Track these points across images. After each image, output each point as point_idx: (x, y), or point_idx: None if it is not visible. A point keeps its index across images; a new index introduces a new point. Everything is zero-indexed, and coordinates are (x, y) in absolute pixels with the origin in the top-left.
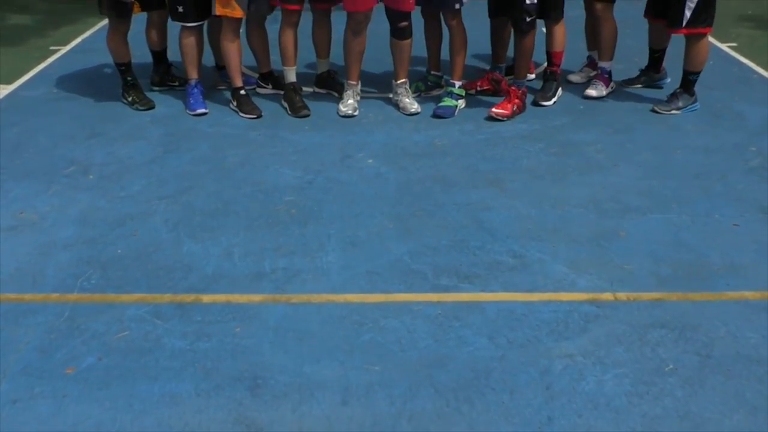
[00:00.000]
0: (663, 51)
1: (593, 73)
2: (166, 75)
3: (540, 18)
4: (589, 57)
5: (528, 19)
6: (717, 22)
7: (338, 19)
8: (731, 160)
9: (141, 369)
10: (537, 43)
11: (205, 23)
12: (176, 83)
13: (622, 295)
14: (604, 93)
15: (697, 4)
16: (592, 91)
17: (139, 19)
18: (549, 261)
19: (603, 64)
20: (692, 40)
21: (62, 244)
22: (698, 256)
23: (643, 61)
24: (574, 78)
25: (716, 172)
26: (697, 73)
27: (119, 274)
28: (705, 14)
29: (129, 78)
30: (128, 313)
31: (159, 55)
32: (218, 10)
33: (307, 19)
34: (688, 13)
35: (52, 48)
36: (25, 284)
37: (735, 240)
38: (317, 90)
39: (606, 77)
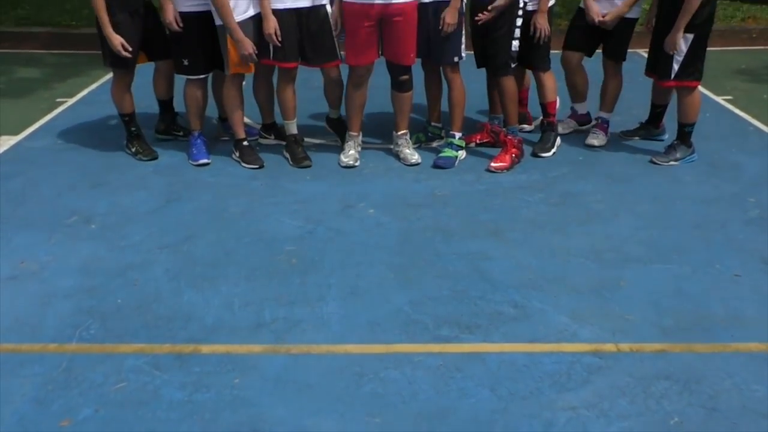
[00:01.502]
0: (664, 107)
1: (581, 126)
2: (171, 124)
3: (528, 69)
4: (571, 108)
5: (512, 65)
6: (712, 76)
7: (343, 73)
8: (730, 210)
9: (138, 421)
10: (531, 97)
11: (210, 75)
12: (180, 133)
13: (625, 346)
14: (604, 142)
15: (685, 57)
16: (593, 141)
17: (146, 71)
18: (550, 311)
19: (603, 114)
20: (682, 92)
21: (62, 294)
22: (700, 307)
23: (640, 113)
24: (559, 128)
25: (716, 223)
26: (691, 125)
27: (118, 324)
28: (692, 68)
29: (133, 128)
30: (127, 363)
31: (166, 104)
32: (232, 69)
33: (309, 72)
34: (675, 66)
35: (58, 100)
36: (23, 334)
37: (737, 291)
38: (327, 129)
39: (605, 126)
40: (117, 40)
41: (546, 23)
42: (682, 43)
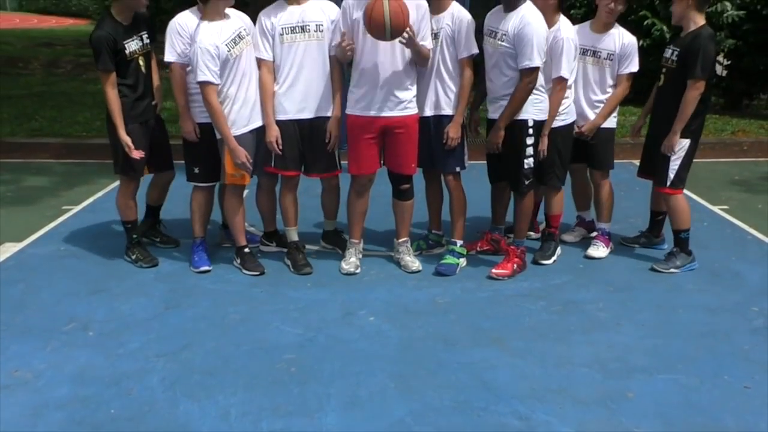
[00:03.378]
0: (664, 215)
1: (590, 233)
2: (151, 228)
3: (540, 183)
4: (578, 217)
5: (526, 182)
6: (707, 186)
7: (343, 180)
8: (734, 319)
9: None
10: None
11: (217, 184)
12: (157, 239)
13: None
14: (606, 253)
15: (680, 164)
16: (593, 252)
17: (147, 180)
18: (556, 423)
19: (602, 225)
20: (671, 200)
21: (54, 404)
22: (711, 420)
23: (639, 222)
24: (568, 237)
25: (721, 332)
26: (686, 231)
27: None
28: (683, 175)
29: (135, 236)
30: None
31: (153, 210)
32: (227, 179)
33: (310, 180)
34: (671, 174)
35: (64, 207)
36: None
37: (748, 403)
38: (324, 245)
39: (606, 237)
40: (126, 140)
41: (544, 143)
42: (678, 148)
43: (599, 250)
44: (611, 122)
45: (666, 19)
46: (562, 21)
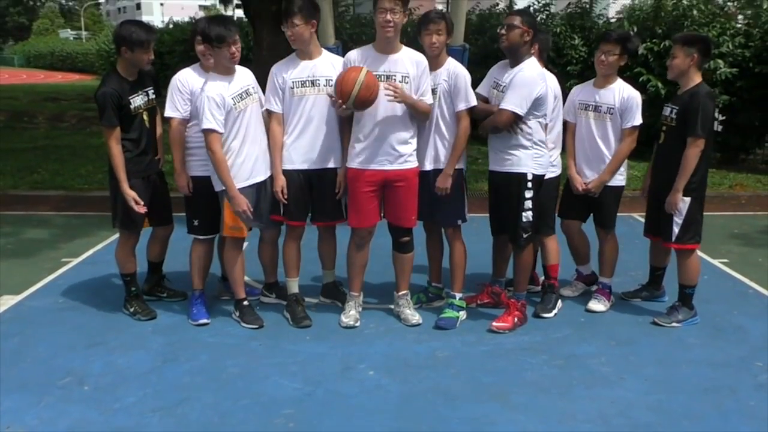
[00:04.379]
0: (663, 270)
1: (590, 286)
2: (156, 285)
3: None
4: (576, 270)
5: (525, 236)
6: (707, 239)
7: (343, 232)
8: (739, 374)
9: None
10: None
11: (217, 236)
12: (164, 294)
13: None
14: (607, 307)
15: (684, 219)
16: (595, 306)
17: (146, 233)
18: None
19: (604, 279)
20: (682, 255)
21: None
22: None
23: (639, 275)
24: (567, 292)
25: (725, 388)
26: (692, 287)
27: None
28: (692, 231)
29: (133, 288)
30: None
31: (155, 266)
32: (226, 231)
33: (313, 232)
34: (676, 229)
35: (63, 260)
36: None
37: None
38: (322, 300)
39: (607, 291)
40: (131, 195)
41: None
42: (681, 205)
43: (600, 304)
44: (619, 180)
45: (661, 76)
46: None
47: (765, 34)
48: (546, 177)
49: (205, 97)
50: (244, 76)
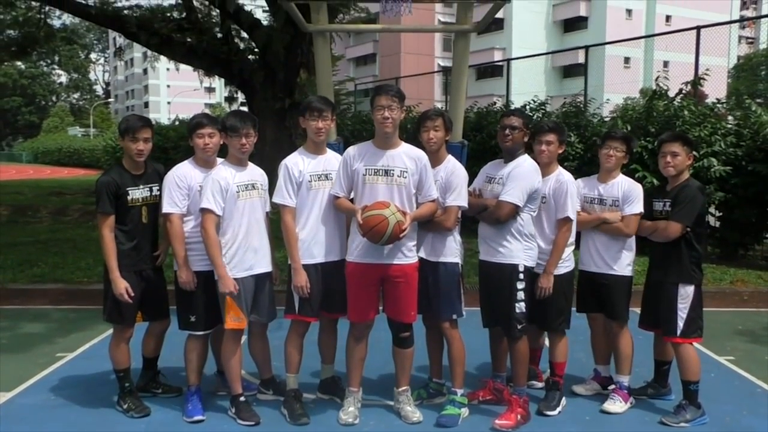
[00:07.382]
0: (669, 364)
1: (604, 389)
2: (151, 381)
3: (542, 329)
4: (595, 370)
5: (519, 327)
6: (711, 336)
7: (343, 326)
8: None
9: None
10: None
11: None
12: (159, 390)
13: None
14: (624, 408)
15: (689, 312)
16: (611, 407)
17: (140, 328)
18: None
19: (621, 378)
20: (681, 349)
21: None
22: None
23: (643, 371)
24: (579, 390)
25: None
26: (696, 383)
27: None
28: (696, 324)
29: (127, 384)
30: None
31: (150, 362)
32: (229, 324)
33: (312, 326)
34: (680, 323)
35: (58, 354)
36: None
37: None
38: (320, 395)
39: (625, 392)
40: (122, 284)
41: (549, 284)
42: (686, 296)
43: (616, 405)
44: (628, 270)
45: (656, 173)
46: (560, 168)
47: (755, 134)
48: (558, 274)
49: (210, 179)
50: (254, 172)
